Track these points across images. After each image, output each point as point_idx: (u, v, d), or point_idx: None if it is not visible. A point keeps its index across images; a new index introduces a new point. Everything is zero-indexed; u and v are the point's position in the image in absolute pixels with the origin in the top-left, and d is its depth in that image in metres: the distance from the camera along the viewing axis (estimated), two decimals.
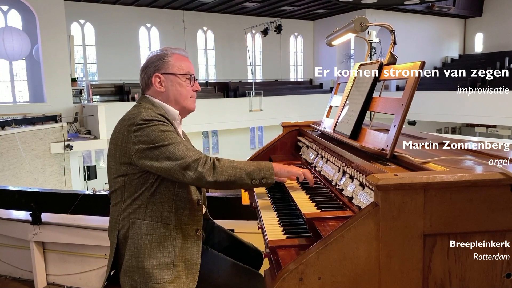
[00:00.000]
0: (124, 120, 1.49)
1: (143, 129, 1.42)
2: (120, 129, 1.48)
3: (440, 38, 20.42)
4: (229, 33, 18.23)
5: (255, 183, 1.48)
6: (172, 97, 1.58)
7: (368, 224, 1.01)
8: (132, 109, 1.54)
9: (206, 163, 1.41)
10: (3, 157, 9.41)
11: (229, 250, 1.73)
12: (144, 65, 1.60)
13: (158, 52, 1.60)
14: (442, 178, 1.00)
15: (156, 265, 1.45)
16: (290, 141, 2.38)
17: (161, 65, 1.56)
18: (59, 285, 3.14)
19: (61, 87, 12.86)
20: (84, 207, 3.68)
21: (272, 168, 1.50)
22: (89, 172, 12.17)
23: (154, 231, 1.47)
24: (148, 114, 1.44)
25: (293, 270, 1.00)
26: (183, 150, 1.42)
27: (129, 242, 1.48)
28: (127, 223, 1.48)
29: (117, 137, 1.48)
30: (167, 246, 1.47)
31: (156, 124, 1.43)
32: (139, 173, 1.46)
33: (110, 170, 1.53)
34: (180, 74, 1.57)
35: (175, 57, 1.59)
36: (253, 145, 18.19)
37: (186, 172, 1.39)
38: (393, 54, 1.55)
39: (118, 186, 1.50)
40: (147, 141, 1.41)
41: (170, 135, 1.43)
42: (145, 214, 1.47)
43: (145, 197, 1.47)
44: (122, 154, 1.46)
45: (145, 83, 1.59)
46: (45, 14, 12.47)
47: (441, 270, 1.05)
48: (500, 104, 13.54)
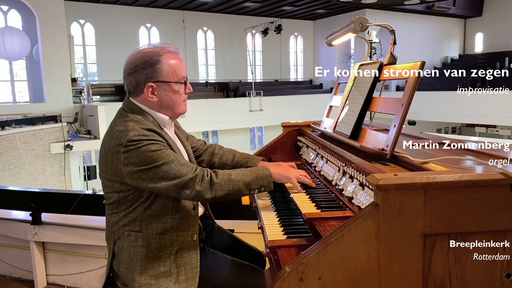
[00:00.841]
0: (111, 137, 1.40)
1: (132, 150, 1.35)
2: (108, 146, 1.40)
3: (440, 38, 20.41)
4: (229, 33, 18.22)
5: (254, 192, 1.48)
6: (165, 105, 1.49)
7: (368, 224, 1.01)
8: (118, 120, 1.44)
9: (203, 180, 1.37)
10: (3, 157, 9.41)
11: (230, 250, 1.72)
12: (131, 67, 1.45)
13: (148, 53, 1.45)
14: (442, 178, 1.00)
15: (154, 276, 1.44)
16: (290, 141, 2.38)
17: (153, 73, 1.44)
18: (59, 285, 3.14)
19: (61, 87, 12.86)
20: (84, 207, 3.68)
21: (271, 175, 1.50)
22: (89, 172, 12.17)
23: (149, 243, 1.44)
24: (136, 134, 1.36)
25: (293, 270, 1.00)
26: (178, 168, 1.36)
27: (124, 255, 1.46)
28: (122, 234, 1.46)
29: (107, 155, 1.41)
30: (163, 256, 1.45)
31: (146, 144, 1.35)
32: (133, 189, 1.41)
33: (103, 184, 1.48)
34: (173, 82, 1.47)
35: (167, 59, 1.45)
36: (253, 145, 18.18)
37: (184, 191, 1.36)
38: (393, 54, 1.55)
39: (113, 201, 1.47)
40: (138, 162, 1.35)
41: (161, 153, 1.36)
42: (140, 227, 1.44)
43: (140, 210, 1.43)
44: (113, 173, 1.40)
45: (134, 89, 1.47)
46: (45, 14, 12.46)
47: (441, 270, 1.05)
48: (500, 104, 13.54)
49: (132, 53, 1.49)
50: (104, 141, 1.44)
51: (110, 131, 1.43)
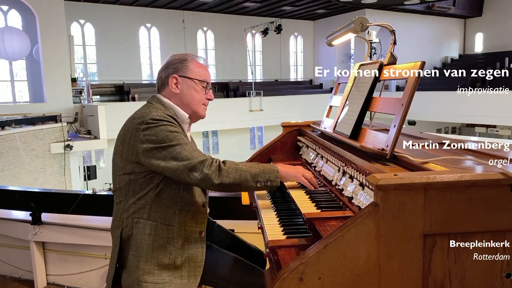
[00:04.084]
0: (133, 118, 1.49)
1: (152, 128, 1.43)
2: (129, 127, 1.49)
3: (440, 38, 20.41)
4: (229, 33, 18.22)
5: (260, 185, 1.48)
6: (185, 100, 1.59)
7: (368, 224, 1.01)
8: (142, 108, 1.54)
9: (212, 165, 1.41)
10: (3, 157, 9.41)
11: (230, 249, 1.73)
12: (164, 65, 1.62)
13: (181, 55, 1.62)
14: (442, 178, 1.00)
15: (157, 266, 1.46)
16: (290, 141, 2.38)
17: (180, 67, 1.58)
18: (59, 285, 3.15)
19: (61, 87, 12.86)
20: (84, 207, 3.68)
21: (278, 171, 1.51)
22: (89, 172, 12.18)
23: (157, 232, 1.47)
24: (158, 114, 1.46)
25: (293, 270, 1.00)
26: (190, 151, 1.42)
27: (132, 241, 1.49)
28: (131, 222, 1.49)
29: (125, 135, 1.49)
30: (168, 248, 1.48)
31: (165, 124, 1.44)
32: (145, 172, 1.46)
33: (116, 167, 1.53)
34: (197, 80, 1.59)
35: (195, 63, 1.61)
36: (253, 145, 18.18)
37: (192, 173, 1.40)
38: (393, 54, 1.55)
39: (123, 184, 1.50)
40: (155, 140, 1.42)
41: (178, 135, 1.44)
42: (149, 215, 1.48)
43: (149, 197, 1.48)
44: (129, 152, 1.47)
45: (162, 82, 1.61)
46: (45, 14, 12.46)
47: (441, 270, 1.05)
48: (500, 104, 13.54)
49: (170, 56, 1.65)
50: (126, 124, 1.52)
51: (133, 116, 1.51)
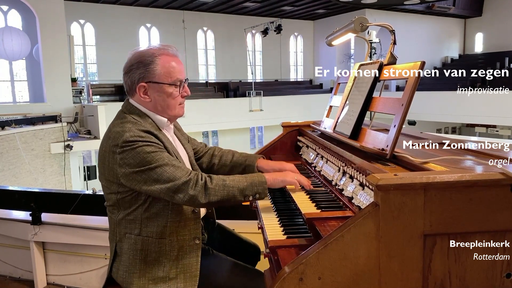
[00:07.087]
0: (108, 138, 1.42)
1: (127, 151, 1.35)
2: (106, 147, 1.41)
3: (440, 38, 20.42)
4: (229, 33, 18.22)
5: (248, 199, 1.45)
6: (160, 107, 1.49)
7: (368, 224, 1.00)
8: (117, 122, 1.44)
9: (197, 184, 1.36)
10: (3, 157, 9.42)
11: (226, 245, 1.73)
12: (127, 66, 1.48)
13: (143, 53, 1.47)
14: (442, 178, 1.00)
15: (152, 281, 1.44)
16: (290, 141, 2.38)
17: (146, 73, 1.45)
18: (59, 285, 3.14)
19: (61, 87, 12.86)
20: (84, 207, 3.69)
21: (266, 182, 1.47)
22: (89, 172, 12.18)
23: (149, 247, 1.44)
24: (132, 135, 1.36)
25: (293, 270, 1.00)
26: (172, 171, 1.35)
27: (124, 257, 1.47)
28: (124, 236, 1.47)
29: (104, 156, 1.42)
30: (162, 260, 1.45)
31: (141, 145, 1.36)
32: (130, 191, 1.41)
33: (102, 186, 1.49)
34: (167, 84, 1.46)
35: (163, 60, 1.46)
36: (253, 145, 18.18)
37: (177, 195, 1.35)
38: (393, 54, 1.55)
39: (112, 202, 1.47)
40: (133, 164, 1.35)
41: (156, 156, 1.36)
42: (140, 230, 1.44)
43: (139, 213, 1.44)
44: (110, 174, 1.41)
45: (129, 88, 1.49)
46: (45, 14, 12.47)
47: (441, 270, 1.05)
48: (500, 104, 13.54)
49: (130, 52, 1.51)
50: (102, 143, 1.44)
51: (108, 132, 1.44)
